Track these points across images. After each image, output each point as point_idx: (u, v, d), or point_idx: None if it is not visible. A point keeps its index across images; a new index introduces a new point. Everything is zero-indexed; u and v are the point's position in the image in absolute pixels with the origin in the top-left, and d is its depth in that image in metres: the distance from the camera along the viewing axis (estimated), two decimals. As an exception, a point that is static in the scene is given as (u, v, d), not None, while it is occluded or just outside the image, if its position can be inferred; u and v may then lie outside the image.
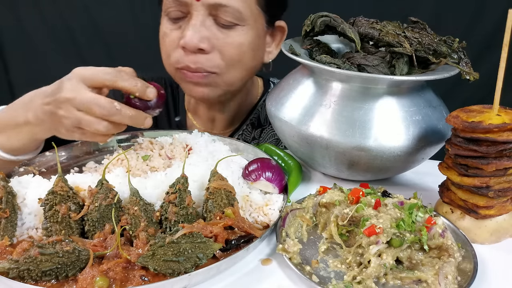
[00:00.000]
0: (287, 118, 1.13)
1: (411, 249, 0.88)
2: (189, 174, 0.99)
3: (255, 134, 1.69)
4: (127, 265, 0.82)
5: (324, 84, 1.10)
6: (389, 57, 1.12)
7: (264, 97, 1.72)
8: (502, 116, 0.90)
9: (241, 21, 1.32)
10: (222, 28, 1.32)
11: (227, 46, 1.34)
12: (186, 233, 0.82)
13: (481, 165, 0.92)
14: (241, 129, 1.69)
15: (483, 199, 0.95)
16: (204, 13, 1.29)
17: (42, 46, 3.15)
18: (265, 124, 1.70)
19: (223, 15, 1.29)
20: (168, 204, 0.93)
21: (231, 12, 1.29)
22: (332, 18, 1.15)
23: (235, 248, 0.89)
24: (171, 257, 0.80)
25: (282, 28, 1.51)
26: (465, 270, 0.86)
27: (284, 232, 0.95)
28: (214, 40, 1.32)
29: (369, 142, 1.03)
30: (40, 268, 0.77)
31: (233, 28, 1.33)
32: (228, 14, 1.29)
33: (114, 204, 0.93)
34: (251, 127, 1.70)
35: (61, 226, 0.89)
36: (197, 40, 1.29)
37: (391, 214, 0.89)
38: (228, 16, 1.30)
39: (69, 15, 3.07)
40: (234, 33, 1.33)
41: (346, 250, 0.91)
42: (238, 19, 1.31)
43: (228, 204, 0.94)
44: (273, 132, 1.69)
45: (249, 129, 1.69)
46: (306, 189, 1.17)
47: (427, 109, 1.08)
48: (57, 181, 0.95)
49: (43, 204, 0.92)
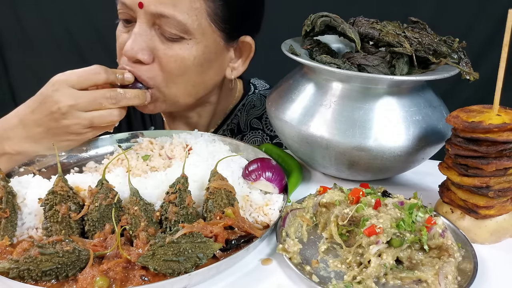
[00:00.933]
0: (287, 118, 1.12)
1: (411, 249, 0.88)
2: (189, 174, 0.99)
3: None
4: (127, 265, 0.82)
5: (324, 84, 1.10)
6: (389, 57, 1.12)
7: (243, 100, 1.65)
8: (502, 116, 0.90)
9: (187, 34, 1.24)
10: (166, 40, 1.25)
11: (167, 59, 1.26)
12: (186, 233, 0.82)
13: (481, 165, 0.92)
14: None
15: (483, 199, 0.95)
16: (147, 22, 1.22)
17: (42, 46, 3.15)
18: (246, 130, 1.63)
19: (167, 26, 1.22)
20: (168, 204, 0.93)
21: (175, 25, 1.21)
22: (332, 18, 1.15)
23: (235, 248, 0.88)
24: (171, 257, 0.79)
25: (248, 44, 1.40)
26: (465, 270, 0.86)
27: (284, 232, 0.95)
28: (155, 51, 1.25)
29: (369, 142, 1.03)
30: (40, 268, 0.77)
31: (177, 41, 1.25)
32: (171, 26, 1.22)
33: (114, 204, 0.92)
34: (230, 133, 1.64)
35: (61, 226, 0.89)
36: (136, 51, 1.22)
37: (391, 214, 0.89)
38: (172, 28, 1.22)
39: (69, 15, 3.07)
40: (177, 46, 1.25)
41: (346, 250, 0.91)
42: (183, 31, 1.23)
43: (228, 204, 0.94)
44: (254, 138, 1.62)
45: (228, 136, 1.60)
46: (306, 189, 1.16)
47: (427, 109, 1.08)
48: (57, 181, 0.94)
49: (43, 204, 0.92)
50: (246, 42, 1.40)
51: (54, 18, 3.09)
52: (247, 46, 1.41)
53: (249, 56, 1.44)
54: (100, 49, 2.98)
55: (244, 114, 1.63)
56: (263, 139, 1.61)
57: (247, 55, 1.44)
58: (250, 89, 1.68)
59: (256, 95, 1.67)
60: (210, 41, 1.30)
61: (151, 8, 1.19)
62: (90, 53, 3.07)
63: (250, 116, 1.63)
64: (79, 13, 3.05)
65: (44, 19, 3.10)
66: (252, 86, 1.70)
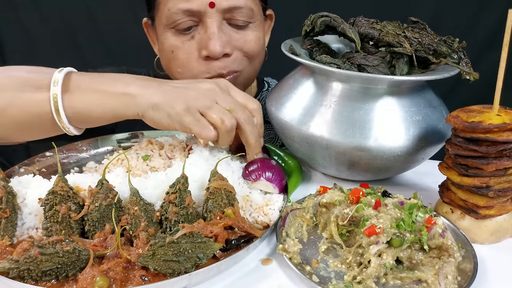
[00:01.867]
0: (287, 118, 1.12)
1: (411, 249, 0.88)
2: (189, 174, 0.99)
3: None
4: (127, 265, 0.82)
5: (324, 84, 1.10)
6: (389, 57, 1.12)
7: (258, 96, 1.72)
8: (502, 116, 0.90)
9: (253, 19, 1.34)
10: (237, 29, 1.33)
11: (247, 44, 1.35)
12: (186, 233, 0.82)
13: (481, 165, 0.92)
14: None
15: (483, 199, 0.95)
16: (219, 19, 1.28)
17: (42, 45, 3.14)
18: None
19: (238, 16, 1.30)
20: (168, 204, 0.93)
21: (245, 12, 1.30)
22: (332, 18, 1.15)
23: (235, 248, 0.88)
24: (171, 257, 0.79)
25: (271, 16, 1.54)
26: (465, 270, 0.86)
27: (284, 232, 0.95)
28: (234, 42, 1.33)
29: (369, 142, 1.03)
30: (40, 268, 0.76)
31: (247, 27, 1.34)
32: (242, 15, 1.30)
33: (114, 204, 0.92)
34: None
35: (61, 226, 0.89)
36: (221, 47, 1.28)
37: (391, 214, 0.89)
38: (243, 16, 1.30)
39: (69, 14, 3.07)
40: (248, 31, 1.35)
41: (346, 250, 0.91)
42: (250, 17, 1.33)
43: (228, 204, 0.94)
44: (268, 131, 1.68)
45: None
46: (306, 189, 1.17)
47: (427, 109, 1.08)
48: (57, 181, 0.94)
49: (43, 204, 0.91)
50: (270, 15, 1.54)
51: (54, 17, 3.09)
52: (271, 17, 1.55)
53: (270, 27, 1.57)
54: (100, 49, 2.98)
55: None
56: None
57: (269, 26, 1.56)
58: (264, 86, 1.77)
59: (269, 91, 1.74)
60: (261, 18, 1.42)
61: (223, 4, 1.26)
62: (90, 52, 3.07)
63: (264, 111, 1.65)
64: (79, 12, 3.04)
65: (43, 18, 3.10)
66: (266, 83, 1.79)
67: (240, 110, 1.05)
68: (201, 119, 1.02)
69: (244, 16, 1.31)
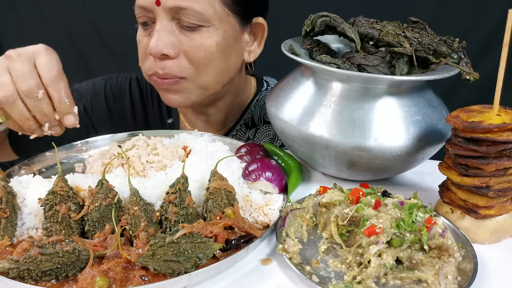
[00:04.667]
0: (287, 118, 1.12)
1: (411, 249, 0.88)
2: (189, 174, 0.99)
3: (249, 135, 1.68)
4: (127, 265, 0.82)
5: (324, 84, 1.10)
6: (389, 57, 1.12)
7: (257, 96, 1.71)
8: (502, 116, 0.90)
9: (205, 22, 1.30)
10: (187, 32, 1.30)
11: (192, 49, 1.31)
12: (186, 233, 0.82)
13: (481, 165, 0.91)
14: (235, 130, 1.67)
15: (483, 199, 0.95)
16: (166, 18, 1.28)
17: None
18: (259, 124, 1.69)
19: (185, 17, 1.27)
20: (168, 204, 0.93)
21: (193, 14, 1.27)
22: (332, 18, 1.15)
23: (235, 248, 0.88)
24: (171, 257, 0.79)
25: (261, 25, 1.46)
26: (465, 270, 0.86)
27: (284, 232, 0.95)
28: (179, 44, 1.31)
29: (369, 142, 1.03)
30: (40, 268, 0.77)
31: (197, 30, 1.30)
32: (190, 17, 1.27)
33: (114, 204, 0.92)
34: (245, 127, 1.68)
35: (61, 226, 0.89)
36: (161, 47, 1.28)
37: (391, 214, 0.89)
38: (190, 18, 1.27)
39: (68, 16, 3.07)
40: (198, 35, 1.31)
41: (346, 250, 0.91)
42: (201, 20, 1.29)
43: (228, 204, 0.94)
44: (267, 132, 1.68)
45: (243, 130, 1.68)
46: (306, 189, 1.17)
47: (427, 109, 1.08)
48: (57, 181, 0.94)
49: (43, 204, 0.92)
50: (259, 23, 1.46)
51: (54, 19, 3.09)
52: (260, 27, 1.47)
53: (263, 37, 1.50)
54: (99, 50, 2.98)
55: (258, 109, 1.69)
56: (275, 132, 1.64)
57: (261, 36, 1.49)
58: (263, 86, 1.75)
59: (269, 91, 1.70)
60: (227, 26, 1.35)
61: (168, 3, 1.25)
62: (90, 53, 3.07)
63: (263, 110, 1.69)
64: (78, 14, 3.04)
65: (43, 19, 3.10)
66: (265, 83, 1.76)
67: (23, 81, 0.98)
68: None
69: (191, 18, 1.27)
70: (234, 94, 1.61)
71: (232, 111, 1.67)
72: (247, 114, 1.69)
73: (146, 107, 1.76)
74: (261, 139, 1.68)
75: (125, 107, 1.75)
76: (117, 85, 1.75)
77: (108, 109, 1.73)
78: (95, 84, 1.73)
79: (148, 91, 1.75)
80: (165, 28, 1.28)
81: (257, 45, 1.51)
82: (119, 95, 1.74)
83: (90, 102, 1.70)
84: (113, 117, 1.73)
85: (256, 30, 1.48)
